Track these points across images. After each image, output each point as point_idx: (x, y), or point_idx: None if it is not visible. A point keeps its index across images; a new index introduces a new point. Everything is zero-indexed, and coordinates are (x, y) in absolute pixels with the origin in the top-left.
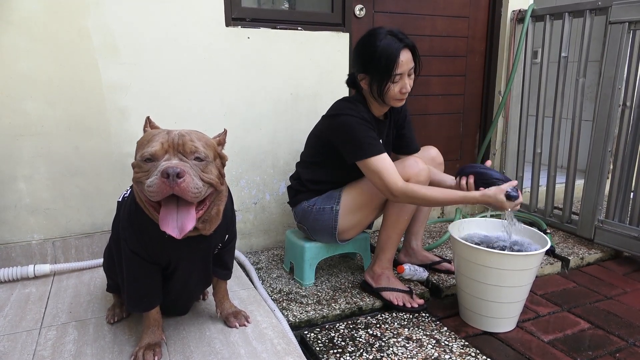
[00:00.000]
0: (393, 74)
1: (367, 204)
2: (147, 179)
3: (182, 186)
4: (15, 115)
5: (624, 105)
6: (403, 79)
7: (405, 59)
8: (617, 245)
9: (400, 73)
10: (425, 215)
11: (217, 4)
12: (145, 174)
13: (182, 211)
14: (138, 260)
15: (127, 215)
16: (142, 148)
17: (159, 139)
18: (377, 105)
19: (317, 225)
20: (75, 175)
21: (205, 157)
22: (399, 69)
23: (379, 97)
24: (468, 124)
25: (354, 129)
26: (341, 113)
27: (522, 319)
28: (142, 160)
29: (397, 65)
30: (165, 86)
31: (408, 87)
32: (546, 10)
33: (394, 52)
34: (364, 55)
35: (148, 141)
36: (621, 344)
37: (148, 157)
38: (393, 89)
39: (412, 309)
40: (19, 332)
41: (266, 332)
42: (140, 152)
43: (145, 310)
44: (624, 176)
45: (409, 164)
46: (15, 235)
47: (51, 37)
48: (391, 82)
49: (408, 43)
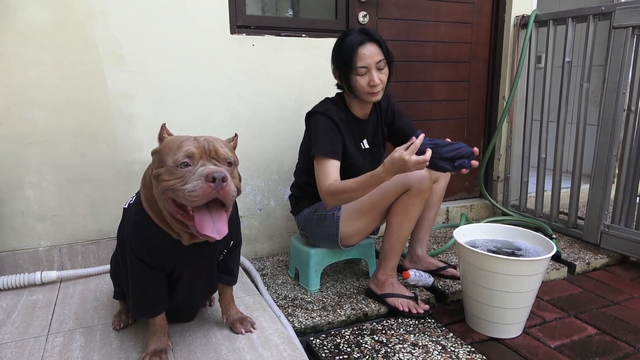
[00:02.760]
0: (355, 66)
1: (368, 211)
2: (182, 185)
3: (225, 190)
4: (23, 123)
5: (629, 110)
6: (370, 72)
7: (369, 52)
8: (624, 250)
9: (365, 66)
10: (430, 223)
11: (222, 12)
12: (180, 180)
13: (215, 215)
14: (143, 267)
15: (132, 222)
16: (174, 154)
17: (190, 144)
18: (357, 102)
19: (319, 231)
20: (82, 182)
21: (234, 162)
22: (361, 62)
23: (350, 92)
24: (472, 130)
25: (317, 126)
26: (314, 111)
27: (528, 325)
28: (175, 166)
29: (357, 57)
30: (171, 94)
31: (376, 80)
32: (549, 15)
33: (354, 45)
34: (335, 51)
35: (178, 147)
36: (629, 350)
37: (185, 162)
38: (360, 81)
39: (418, 314)
40: (26, 339)
41: (272, 338)
42: (172, 158)
43: (150, 317)
44: (630, 180)
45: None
46: (23, 242)
47: (58, 47)
48: (356, 75)
49: (373, 36)
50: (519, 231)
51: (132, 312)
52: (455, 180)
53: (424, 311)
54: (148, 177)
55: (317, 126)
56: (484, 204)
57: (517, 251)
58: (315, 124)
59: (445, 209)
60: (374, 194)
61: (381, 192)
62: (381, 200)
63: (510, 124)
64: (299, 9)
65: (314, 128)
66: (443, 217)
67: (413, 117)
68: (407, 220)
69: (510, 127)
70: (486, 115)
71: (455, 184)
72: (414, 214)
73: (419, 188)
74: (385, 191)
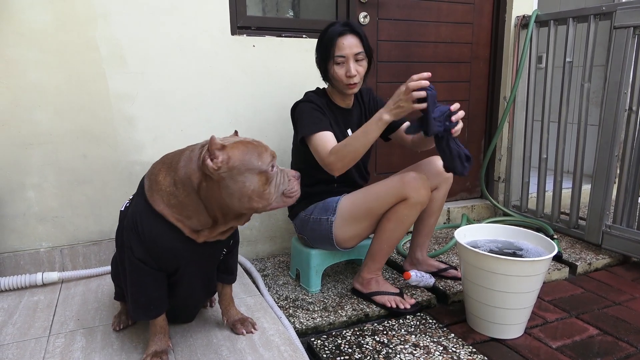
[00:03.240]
0: (333, 55)
1: (363, 217)
2: (279, 188)
3: None
4: (25, 125)
5: (630, 110)
6: (348, 63)
7: (349, 42)
8: (625, 250)
9: (343, 55)
10: (430, 229)
11: (223, 13)
12: (274, 184)
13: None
14: (143, 268)
15: (131, 224)
16: (260, 159)
17: (266, 149)
18: (337, 93)
19: (314, 234)
20: (83, 184)
21: None
22: (339, 51)
23: (327, 80)
24: (473, 130)
25: (302, 112)
26: (295, 103)
27: (530, 326)
28: (270, 168)
29: (336, 47)
30: (172, 95)
31: (352, 71)
32: (550, 15)
33: (335, 35)
34: (318, 40)
35: (259, 154)
36: (630, 350)
37: (273, 164)
38: (337, 71)
39: (406, 310)
40: (27, 340)
41: (273, 339)
42: (265, 161)
43: (151, 318)
44: (631, 181)
45: (407, 180)
46: (24, 243)
47: (60, 49)
48: (334, 64)
49: (354, 28)
50: (520, 232)
51: (132, 314)
52: (457, 180)
53: (410, 306)
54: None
55: (300, 112)
56: (485, 204)
57: (519, 252)
58: (299, 113)
59: (446, 209)
60: (369, 199)
61: (377, 199)
62: (377, 207)
63: (511, 125)
64: (299, 9)
65: (298, 116)
66: (444, 217)
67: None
68: (399, 228)
69: (511, 127)
70: (487, 115)
71: (456, 184)
72: (407, 223)
73: (416, 200)
74: (381, 198)
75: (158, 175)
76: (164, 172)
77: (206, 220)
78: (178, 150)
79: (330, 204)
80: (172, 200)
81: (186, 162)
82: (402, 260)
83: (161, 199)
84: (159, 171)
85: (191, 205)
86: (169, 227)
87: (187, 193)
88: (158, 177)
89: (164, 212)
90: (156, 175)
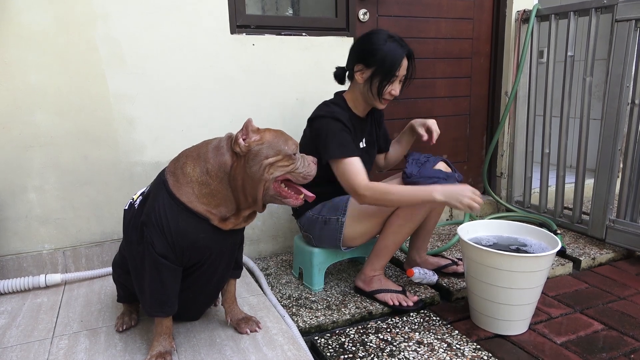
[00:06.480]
0: (396, 75)
1: (373, 215)
2: (299, 168)
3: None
4: (25, 127)
5: (633, 103)
6: (395, 82)
7: (405, 64)
8: (629, 244)
9: (398, 76)
10: (429, 230)
11: (222, 12)
12: (294, 164)
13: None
14: (164, 263)
15: (154, 220)
16: (288, 146)
17: (291, 138)
18: (363, 103)
19: (323, 234)
20: (85, 185)
21: None
22: (402, 71)
23: (376, 95)
24: (475, 126)
25: (327, 130)
26: (320, 115)
27: (534, 321)
28: (292, 154)
29: (401, 67)
30: (172, 95)
31: (397, 91)
32: (551, 9)
33: (400, 55)
34: (369, 50)
35: (285, 140)
36: (636, 345)
37: (296, 151)
38: (389, 89)
39: (409, 307)
40: (31, 342)
41: (276, 338)
42: (291, 148)
43: (166, 315)
44: (635, 174)
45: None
46: (27, 246)
47: (60, 50)
48: (390, 83)
49: (409, 51)
50: (523, 227)
51: (147, 310)
52: None
53: (413, 303)
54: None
55: (326, 130)
56: (488, 200)
57: (522, 247)
58: (324, 128)
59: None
60: None
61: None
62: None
63: (512, 120)
64: (299, 8)
65: (323, 132)
66: (447, 214)
67: (415, 114)
68: (408, 225)
69: (513, 122)
70: (489, 111)
71: None
72: (416, 220)
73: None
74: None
75: (185, 168)
76: (192, 163)
77: (232, 207)
78: (196, 145)
79: (339, 204)
80: (203, 189)
81: (216, 151)
82: (405, 258)
83: (192, 190)
84: (185, 164)
85: (221, 192)
86: (196, 219)
87: (219, 179)
88: (185, 169)
89: (193, 204)
90: (182, 168)
